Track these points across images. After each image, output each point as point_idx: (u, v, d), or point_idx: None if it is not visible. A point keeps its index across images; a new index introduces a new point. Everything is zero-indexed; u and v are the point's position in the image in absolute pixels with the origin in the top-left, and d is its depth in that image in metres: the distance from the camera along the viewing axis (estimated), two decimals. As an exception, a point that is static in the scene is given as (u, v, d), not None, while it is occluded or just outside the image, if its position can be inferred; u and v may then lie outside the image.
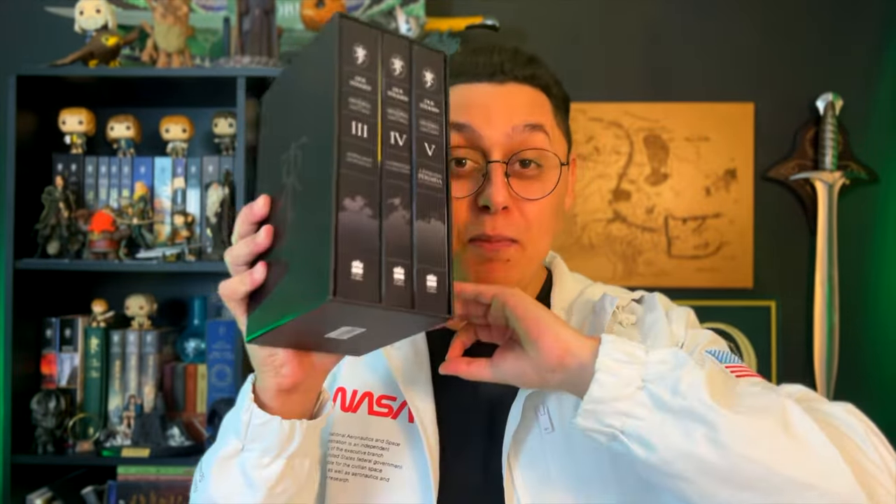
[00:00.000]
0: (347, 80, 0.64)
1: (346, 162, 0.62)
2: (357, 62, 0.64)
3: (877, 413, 2.43)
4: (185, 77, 1.94)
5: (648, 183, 2.23)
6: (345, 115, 0.63)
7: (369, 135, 0.64)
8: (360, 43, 0.65)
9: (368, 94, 0.65)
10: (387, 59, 0.66)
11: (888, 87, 2.21)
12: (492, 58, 0.86)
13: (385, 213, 0.63)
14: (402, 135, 0.66)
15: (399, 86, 0.67)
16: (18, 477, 1.89)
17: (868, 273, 2.21)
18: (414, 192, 0.65)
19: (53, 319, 2.00)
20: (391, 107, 0.66)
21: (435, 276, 0.64)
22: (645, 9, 2.24)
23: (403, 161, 0.65)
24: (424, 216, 0.65)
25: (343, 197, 0.61)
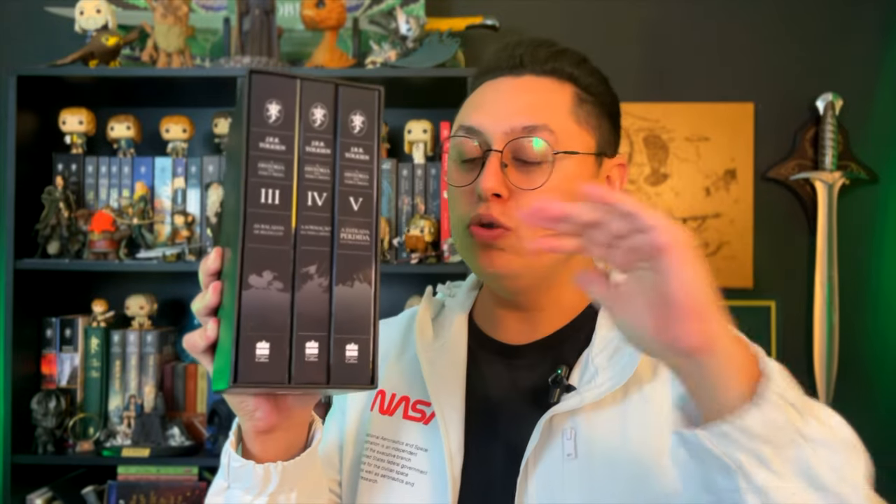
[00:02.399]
0: (257, 143, 0.60)
1: (252, 235, 0.59)
2: (269, 121, 0.61)
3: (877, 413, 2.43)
4: (186, 77, 1.94)
5: (648, 183, 2.23)
6: (252, 183, 0.60)
7: (282, 200, 0.60)
8: (272, 98, 0.61)
9: (282, 155, 0.61)
10: (306, 111, 0.62)
11: (888, 87, 2.21)
12: (514, 50, 0.86)
13: (298, 284, 0.60)
14: (322, 193, 0.62)
15: (320, 138, 0.62)
16: (19, 477, 1.89)
17: (868, 273, 2.21)
18: (334, 256, 0.62)
19: (54, 319, 2.00)
20: (310, 164, 0.62)
21: (356, 345, 0.61)
22: (645, 9, 2.24)
23: (322, 223, 0.62)
24: (346, 280, 0.62)
25: (248, 273, 0.59)
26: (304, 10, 2.01)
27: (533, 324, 0.87)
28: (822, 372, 2.16)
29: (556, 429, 0.80)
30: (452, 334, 0.90)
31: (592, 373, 0.82)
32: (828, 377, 2.16)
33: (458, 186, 0.83)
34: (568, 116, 0.85)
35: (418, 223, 1.96)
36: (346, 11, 2.04)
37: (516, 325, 0.88)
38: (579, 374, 0.83)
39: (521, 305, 0.87)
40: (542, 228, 0.72)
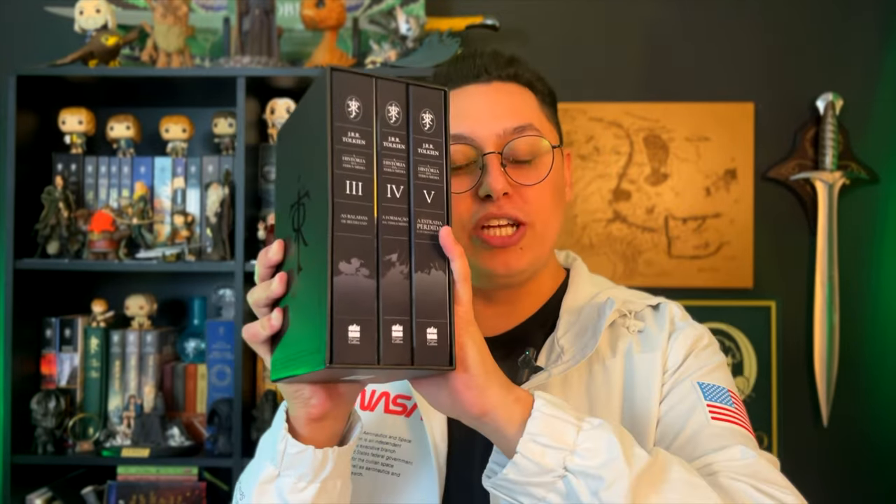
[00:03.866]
0: (340, 137, 0.63)
1: (340, 224, 0.62)
2: (350, 116, 0.63)
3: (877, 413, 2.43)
4: (185, 77, 1.94)
5: (648, 183, 2.23)
6: (338, 175, 0.62)
7: (364, 192, 0.63)
8: (353, 95, 0.64)
9: (363, 149, 0.64)
10: (382, 108, 0.65)
11: (888, 87, 2.21)
12: (475, 61, 0.91)
13: (382, 270, 0.63)
14: (399, 186, 0.65)
15: (395, 134, 0.66)
16: (18, 477, 1.89)
17: (868, 273, 2.21)
18: (412, 245, 0.65)
19: (53, 319, 2.00)
20: (387, 158, 0.65)
21: (435, 328, 0.64)
22: (645, 9, 2.24)
23: (401, 214, 0.65)
24: (423, 267, 0.65)
25: (338, 260, 0.61)
26: (303, 10, 2.01)
27: (508, 316, 0.93)
28: (822, 372, 2.16)
29: None
30: None
31: (558, 352, 0.87)
32: (828, 377, 2.16)
33: (457, 193, 0.86)
34: (540, 115, 0.91)
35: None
36: (345, 11, 2.04)
37: (493, 318, 0.92)
38: (546, 356, 0.88)
39: (500, 300, 0.92)
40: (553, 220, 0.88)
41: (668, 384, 0.86)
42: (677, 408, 0.84)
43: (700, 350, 0.89)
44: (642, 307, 0.92)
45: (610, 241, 2.22)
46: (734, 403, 0.86)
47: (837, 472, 2.17)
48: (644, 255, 2.22)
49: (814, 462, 2.17)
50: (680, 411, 0.84)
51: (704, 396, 0.84)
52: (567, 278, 0.97)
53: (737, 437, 0.80)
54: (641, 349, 0.88)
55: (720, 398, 0.85)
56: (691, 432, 0.81)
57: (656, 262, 2.22)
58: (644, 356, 0.87)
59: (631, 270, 2.21)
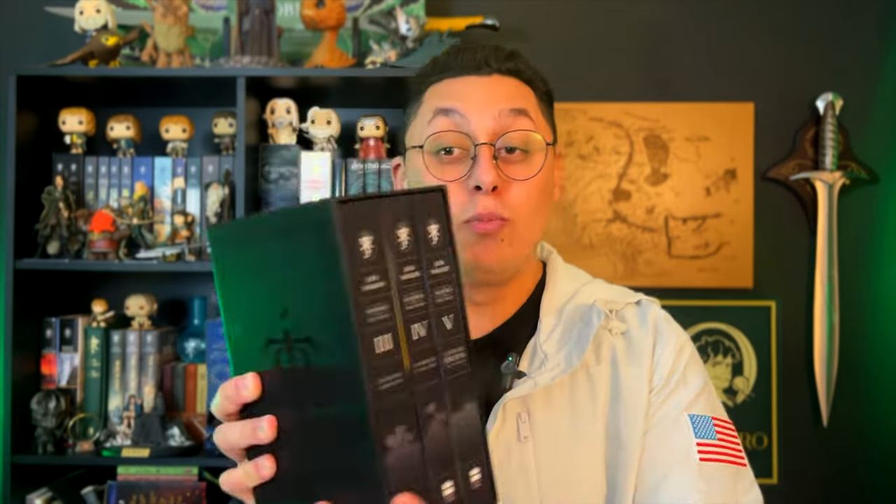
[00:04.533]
0: (359, 287, 0.52)
1: (378, 392, 0.51)
2: (365, 257, 0.52)
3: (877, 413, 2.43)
4: (185, 77, 1.94)
5: (648, 183, 2.23)
6: (366, 334, 0.51)
7: (394, 344, 0.53)
8: (364, 230, 0.53)
9: (383, 292, 0.53)
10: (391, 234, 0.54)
11: (889, 87, 2.21)
12: (475, 54, 0.89)
13: (424, 427, 0.55)
14: (424, 322, 0.56)
15: (409, 262, 0.56)
16: (18, 477, 1.89)
17: (868, 273, 2.21)
18: (444, 385, 0.56)
19: (53, 319, 2.00)
20: (407, 293, 0.55)
21: (478, 468, 0.58)
22: (645, 9, 2.24)
23: (429, 355, 0.56)
24: (458, 406, 0.57)
25: (384, 436, 0.52)
26: (303, 10, 2.01)
27: (487, 316, 0.91)
28: (822, 372, 2.16)
29: (509, 413, 0.83)
30: None
31: (542, 358, 0.85)
32: (828, 377, 2.16)
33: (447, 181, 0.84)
34: (537, 110, 0.90)
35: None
36: (345, 11, 2.04)
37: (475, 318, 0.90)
38: (528, 361, 0.86)
39: (480, 301, 0.90)
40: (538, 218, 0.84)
41: (653, 407, 0.84)
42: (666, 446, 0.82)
43: (686, 366, 0.87)
44: (623, 305, 0.90)
45: (610, 241, 2.22)
46: (717, 434, 0.83)
47: (837, 472, 2.17)
48: (644, 255, 2.22)
49: (814, 462, 2.17)
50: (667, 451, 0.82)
51: (695, 434, 0.82)
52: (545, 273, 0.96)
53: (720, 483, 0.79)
54: (627, 357, 0.86)
55: (706, 432, 0.83)
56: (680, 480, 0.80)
57: (656, 262, 2.22)
58: (631, 370, 0.85)
59: (631, 270, 2.21)
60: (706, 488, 0.79)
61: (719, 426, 0.84)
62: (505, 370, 0.84)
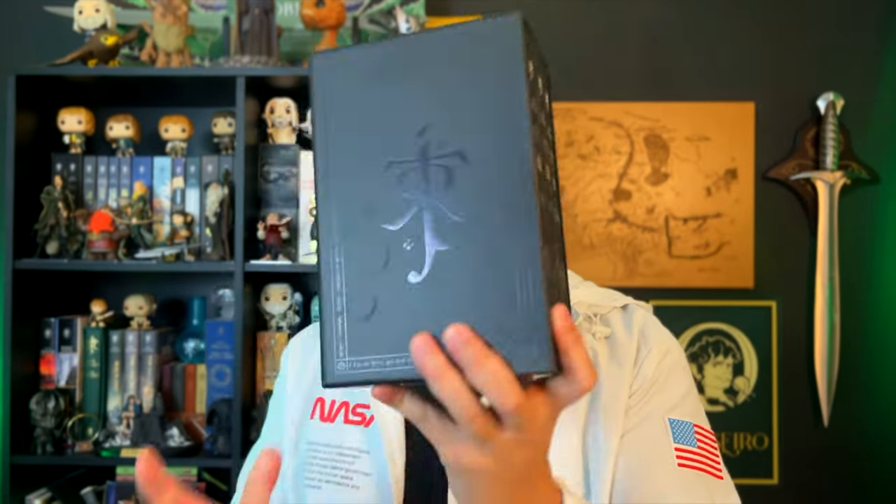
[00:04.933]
0: (529, 107, 0.51)
1: (540, 208, 0.51)
2: (529, 79, 0.52)
3: (878, 413, 2.42)
4: (185, 77, 1.93)
5: (649, 183, 2.22)
6: (533, 152, 0.51)
7: (543, 166, 0.53)
8: (530, 54, 0.52)
9: (537, 119, 0.53)
10: (527, 64, 0.53)
11: (889, 87, 2.21)
12: None
13: (552, 241, 0.53)
14: (546, 165, 0.54)
15: (539, 99, 0.54)
16: (17, 477, 1.89)
17: (869, 273, 2.20)
18: (559, 238, 0.55)
19: (52, 319, 2.00)
20: (540, 130, 0.54)
21: None
22: (645, 9, 2.23)
23: (552, 197, 0.55)
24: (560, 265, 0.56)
25: (543, 247, 0.51)
26: (303, 10, 2.01)
27: None
28: (823, 372, 2.15)
29: None
30: None
31: None
32: (829, 377, 2.15)
33: None
34: None
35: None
36: (345, 11, 2.04)
37: None
38: None
39: None
40: None
41: (633, 410, 0.82)
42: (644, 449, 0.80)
43: (669, 370, 0.84)
44: (609, 309, 0.88)
45: (610, 240, 2.22)
46: (698, 442, 0.81)
47: (838, 472, 2.17)
48: (644, 255, 2.21)
49: (814, 462, 2.17)
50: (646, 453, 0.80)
51: (674, 438, 0.80)
52: None
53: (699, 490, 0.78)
54: (609, 359, 0.84)
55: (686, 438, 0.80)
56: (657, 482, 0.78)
57: (656, 262, 2.21)
58: (612, 371, 0.83)
59: (631, 270, 2.21)
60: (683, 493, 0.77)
61: (700, 434, 0.82)
62: None
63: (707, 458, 0.80)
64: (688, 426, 0.81)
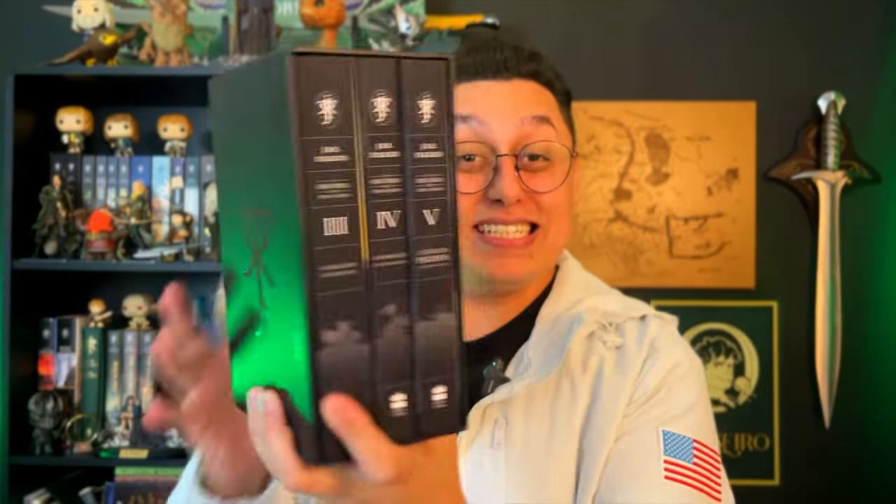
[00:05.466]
0: (311, 158, 0.46)
1: (320, 280, 0.46)
2: (324, 123, 0.46)
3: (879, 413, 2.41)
4: (184, 76, 1.93)
5: (650, 182, 2.22)
6: (314, 212, 0.46)
7: (350, 228, 0.47)
8: (326, 90, 0.46)
9: (344, 168, 0.47)
10: (366, 103, 0.48)
11: (891, 86, 2.20)
12: (494, 55, 0.85)
13: (377, 330, 0.49)
14: (394, 210, 0.49)
15: (386, 138, 0.49)
16: (16, 478, 1.88)
17: (870, 273, 2.20)
18: (414, 287, 0.50)
19: (51, 320, 2.00)
20: (377, 175, 0.48)
21: (444, 386, 0.51)
22: (645, 8, 2.23)
23: (397, 248, 0.49)
24: (427, 314, 0.51)
25: (322, 330, 0.47)
26: (302, 9, 2.00)
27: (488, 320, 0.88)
28: (824, 372, 2.15)
29: (487, 418, 0.81)
30: None
31: (526, 364, 0.83)
32: (830, 378, 2.15)
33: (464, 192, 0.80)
34: (559, 116, 0.88)
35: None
36: (345, 9, 2.03)
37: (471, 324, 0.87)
38: (514, 367, 0.84)
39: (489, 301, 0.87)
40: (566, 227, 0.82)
41: (630, 418, 0.80)
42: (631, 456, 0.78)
43: (676, 382, 0.82)
44: (624, 319, 0.85)
45: (611, 240, 2.21)
46: (695, 458, 0.78)
47: (839, 472, 2.16)
48: (645, 255, 2.21)
49: (815, 462, 2.16)
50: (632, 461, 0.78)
51: (665, 449, 0.77)
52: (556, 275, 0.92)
53: None
54: (614, 369, 0.82)
55: (681, 453, 0.77)
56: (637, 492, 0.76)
57: (657, 262, 2.21)
58: (615, 379, 0.81)
59: (632, 270, 2.20)
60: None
61: (700, 451, 0.79)
62: (487, 375, 0.82)
63: (704, 476, 0.77)
64: (685, 441, 0.78)
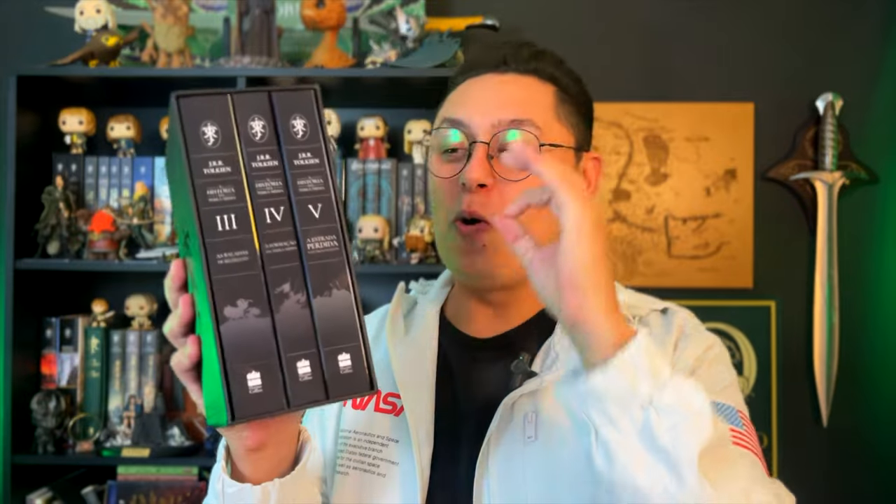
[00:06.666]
0: (201, 170, 0.58)
1: (217, 265, 0.57)
2: (208, 144, 0.59)
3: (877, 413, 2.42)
4: (185, 77, 1.94)
5: (648, 183, 2.23)
6: (206, 212, 0.58)
7: (239, 224, 0.58)
8: (206, 120, 0.59)
9: (229, 177, 0.59)
10: (244, 126, 0.60)
11: (888, 87, 2.21)
12: (497, 52, 0.89)
13: (275, 305, 0.58)
14: (280, 207, 0.60)
15: (264, 151, 0.60)
16: (19, 477, 1.89)
17: (868, 273, 2.21)
18: (306, 268, 0.60)
19: (53, 319, 2.00)
20: (260, 180, 0.60)
21: (347, 353, 0.60)
22: (645, 9, 2.24)
23: (286, 238, 0.60)
24: (323, 290, 0.60)
25: (222, 306, 0.57)
26: (304, 10, 2.01)
27: (504, 318, 0.90)
28: (822, 372, 2.16)
29: (517, 413, 0.82)
30: (423, 329, 0.92)
31: (553, 358, 0.85)
32: (828, 377, 2.16)
33: (443, 178, 0.86)
34: (550, 113, 0.88)
35: (418, 223, 1.96)
36: (346, 11, 2.04)
37: (487, 319, 0.90)
38: (542, 361, 0.85)
39: (494, 301, 0.90)
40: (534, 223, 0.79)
41: None
42: None
43: (712, 361, 0.85)
44: (647, 312, 0.88)
45: (610, 241, 2.22)
46: (744, 425, 0.82)
47: (837, 472, 2.17)
48: (644, 255, 2.22)
49: (814, 462, 2.17)
50: None
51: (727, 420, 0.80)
52: None
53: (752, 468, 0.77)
54: None
55: (732, 419, 0.81)
56: None
57: (656, 262, 2.22)
58: None
59: (631, 270, 2.21)
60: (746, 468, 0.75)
61: (745, 420, 0.83)
62: (514, 369, 0.84)
63: (754, 441, 0.81)
64: (732, 410, 0.82)
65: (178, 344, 0.66)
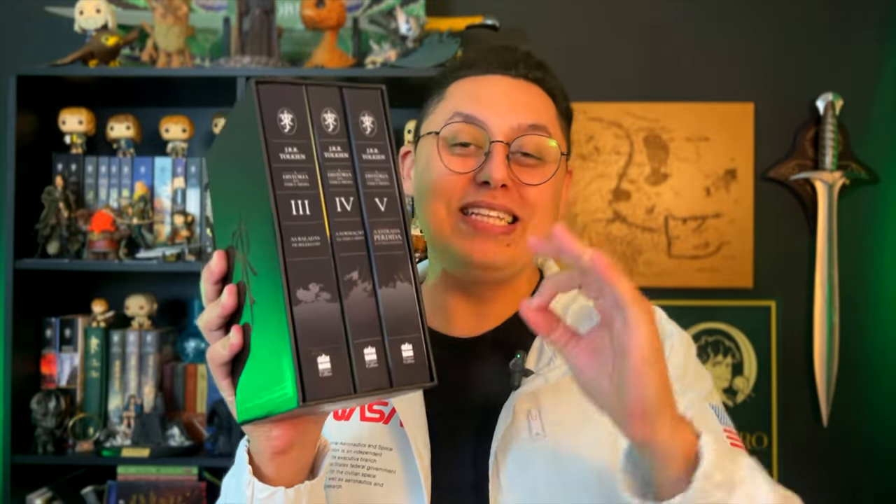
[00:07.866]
0: (277, 155, 0.59)
1: (291, 248, 0.58)
2: (284, 131, 0.60)
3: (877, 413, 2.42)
4: (185, 77, 1.94)
5: (648, 183, 2.23)
6: (281, 196, 0.58)
7: (313, 210, 0.59)
8: (284, 107, 0.60)
9: (304, 164, 0.60)
10: (318, 116, 0.61)
11: (889, 87, 2.21)
12: (507, 55, 0.90)
13: (344, 291, 0.59)
14: (349, 198, 0.61)
15: (336, 143, 0.62)
16: (18, 477, 1.89)
17: (868, 273, 2.21)
18: (372, 258, 0.61)
19: (53, 319, 2.00)
20: (331, 170, 0.61)
21: (410, 344, 0.61)
22: (645, 9, 2.24)
23: (355, 227, 0.61)
24: (388, 281, 0.61)
25: (295, 289, 0.57)
26: (304, 10, 2.01)
27: (484, 316, 0.91)
28: (822, 372, 2.16)
29: (519, 412, 0.83)
30: None
31: (549, 356, 0.85)
32: (828, 377, 2.16)
33: (454, 171, 0.85)
34: (556, 123, 0.90)
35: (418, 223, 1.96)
36: (346, 11, 2.04)
37: (468, 317, 0.91)
38: (536, 358, 0.86)
39: (479, 296, 0.90)
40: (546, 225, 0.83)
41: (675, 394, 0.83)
42: None
43: (693, 360, 0.88)
44: None
45: (610, 241, 2.22)
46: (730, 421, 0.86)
47: (837, 471, 2.17)
48: (644, 255, 2.22)
49: (814, 462, 2.17)
50: None
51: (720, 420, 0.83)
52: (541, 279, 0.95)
53: None
54: None
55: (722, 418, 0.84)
56: None
57: (656, 262, 2.22)
58: None
59: (631, 270, 2.21)
60: None
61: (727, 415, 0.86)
62: (513, 368, 0.84)
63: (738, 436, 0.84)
64: (721, 410, 0.85)
65: (213, 337, 0.66)
